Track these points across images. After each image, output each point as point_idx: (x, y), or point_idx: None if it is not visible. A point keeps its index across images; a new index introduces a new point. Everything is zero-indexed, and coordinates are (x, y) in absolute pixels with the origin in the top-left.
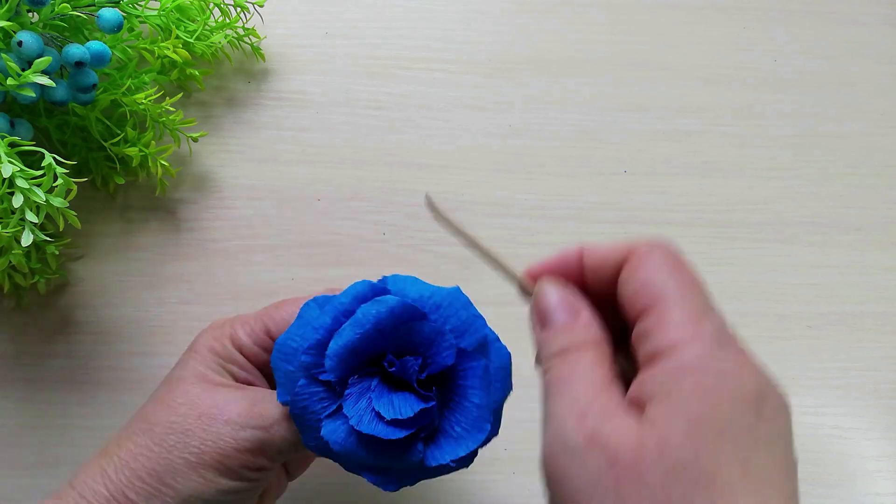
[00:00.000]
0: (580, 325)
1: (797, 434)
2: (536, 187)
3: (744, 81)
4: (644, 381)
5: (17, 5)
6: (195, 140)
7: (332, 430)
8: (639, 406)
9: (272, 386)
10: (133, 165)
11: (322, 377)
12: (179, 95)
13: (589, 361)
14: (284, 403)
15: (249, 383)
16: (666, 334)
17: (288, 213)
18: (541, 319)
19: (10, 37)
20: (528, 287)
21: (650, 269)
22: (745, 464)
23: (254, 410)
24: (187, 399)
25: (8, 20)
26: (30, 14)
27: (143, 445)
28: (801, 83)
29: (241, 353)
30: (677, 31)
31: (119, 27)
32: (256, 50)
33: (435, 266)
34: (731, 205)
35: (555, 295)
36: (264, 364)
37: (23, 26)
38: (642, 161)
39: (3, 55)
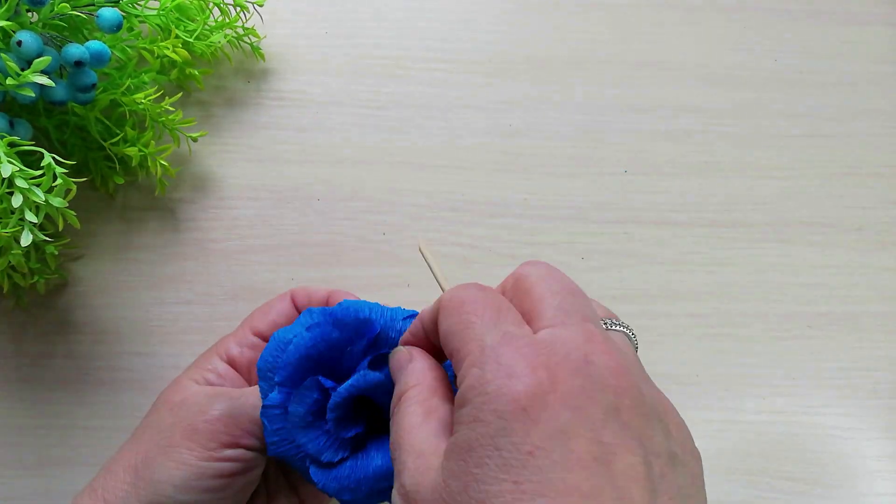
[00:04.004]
0: (408, 370)
1: (797, 434)
2: (536, 187)
3: (744, 81)
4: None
5: (17, 5)
6: (195, 140)
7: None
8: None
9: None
10: (132, 165)
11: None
12: (179, 95)
13: (408, 405)
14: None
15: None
16: (460, 369)
17: (288, 213)
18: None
19: (10, 36)
20: None
21: (443, 319)
22: (517, 483)
23: (219, 390)
24: (161, 401)
25: (7, 20)
26: (29, 14)
27: (126, 449)
28: (801, 83)
29: (231, 362)
30: (677, 31)
31: (118, 27)
32: (256, 50)
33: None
34: (731, 205)
35: (394, 358)
36: (251, 362)
37: (22, 26)
38: (642, 161)
39: (3, 55)
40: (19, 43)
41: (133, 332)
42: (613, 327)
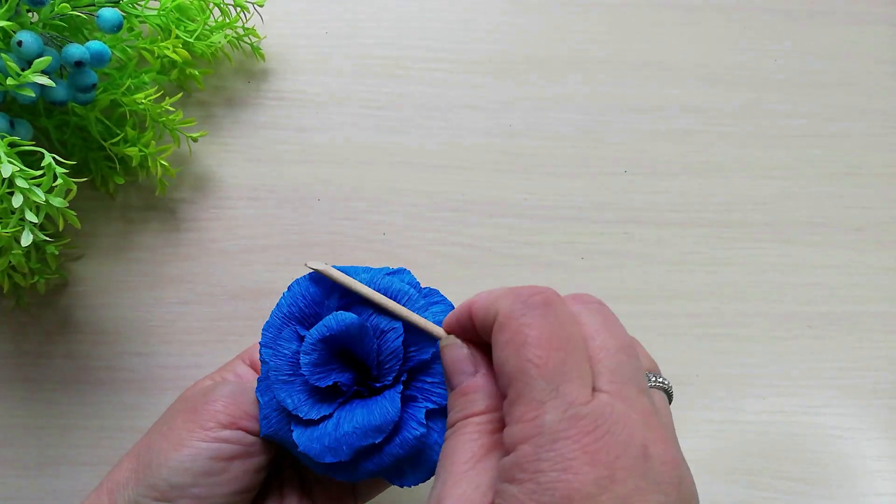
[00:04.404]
0: (472, 388)
1: (797, 434)
2: (536, 187)
3: (744, 81)
4: (499, 474)
5: (17, 5)
6: (195, 140)
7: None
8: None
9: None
10: (133, 165)
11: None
12: (179, 95)
13: (466, 437)
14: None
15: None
16: (509, 429)
17: (288, 213)
18: (447, 381)
19: (10, 37)
20: (439, 334)
21: (501, 344)
22: None
23: (234, 380)
24: (180, 396)
25: (8, 20)
26: (29, 14)
27: (129, 468)
28: (801, 83)
29: (256, 369)
30: (677, 31)
31: (119, 27)
32: (256, 50)
33: (435, 266)
34: (731, 205)
35: (452, 355)
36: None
37: (22, 26)
38: (642, 161)
39: (3, 55)
40: (20, 43)
41: (133, 332)
42: (656, 383)
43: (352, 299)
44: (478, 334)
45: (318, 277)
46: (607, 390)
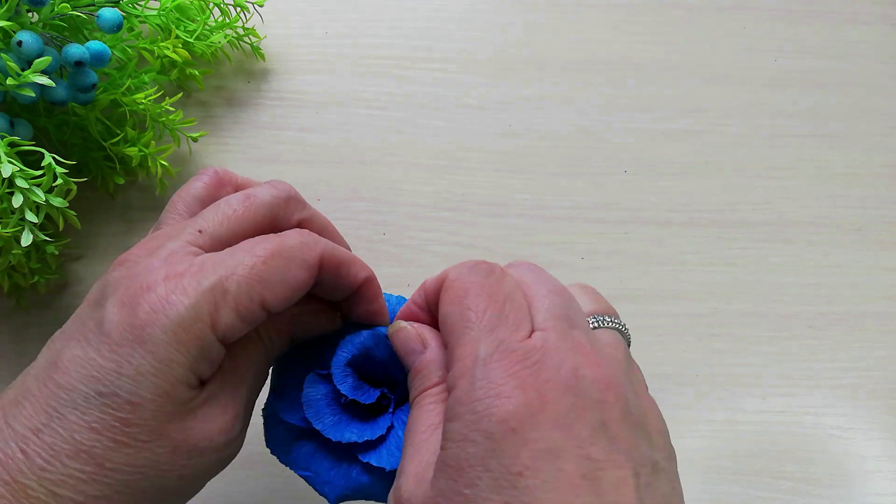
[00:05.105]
0: (424, 364)
1: (797, 434)
2: (536, 187)
3: (744, 81)
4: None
5: (17, 5)
6: (195, 140)
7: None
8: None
9: (251, 358)
10: (133, 165)
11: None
12: (179, 95)
13: (420, 410)
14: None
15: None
16: (451, 373)
17: None
18: (404, 363)
19: (10, 36)
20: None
21: (445, 302)
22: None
23: (235, 423)
24: (153, 435)
25: (8, 20)
26: (29, 14)
27: (99, 496)
28: (801, 83)
29: (224, 343)
30: (677, 31)
31: (119, 27)
32: (256, 50)
33: (435, 266)
34: (731, 205)
35: (400, 338)
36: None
37: (22, 26)
38: (642, 161)
39: (3, 55)
40: (20, 43)
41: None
42: (604, 325)
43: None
44: (431, 314)
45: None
46: (541, 328)
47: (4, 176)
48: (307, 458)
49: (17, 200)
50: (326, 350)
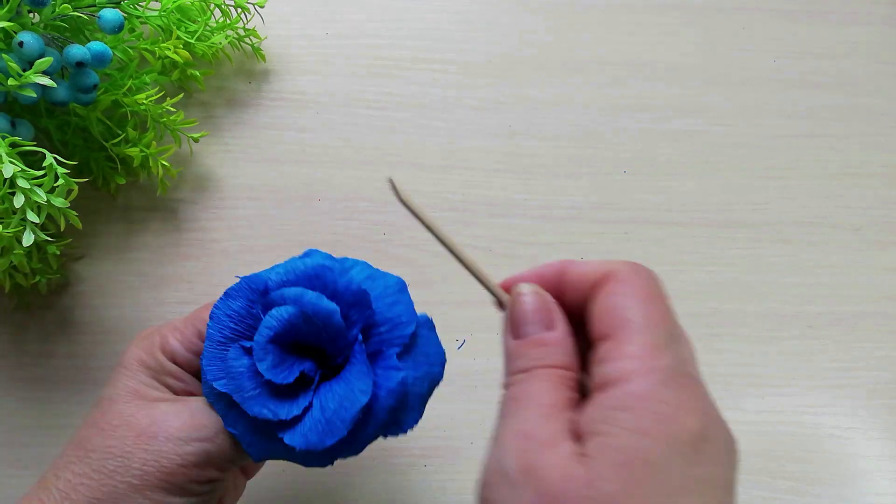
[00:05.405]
0: (552, 342)
1: (797, 434)
2: (536, 187)
3: (744, 81)
4: (589, 409)
5: (18, 6)
6: (196, 140)
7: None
8: (580, 436)
9: None
10: (134, 166)
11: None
12: (180, 96)
13: (547, 384)
14: (208, 395)
15: (188, 393)
16: (618, 364)
17: (288, 213)
18: (514, 328)
19: (11, 37)
20: (498, 292)
21: (621, 293)
22: None
23: (195, 422)
24: (122, 420)
25: (9, 21)
26: (31, 15)
27: (81, 474)
28: (801, 83)
29: (175, 362)
30: (677, 31)
31: (120, 28)
32: (257, 50)
33: (435, 266)
34: (731, 205)
35: (532, 302)
36: (199, 371)
37: (24, 27)
38: (642, 161)
39: (5, 56)
40: (21, 44)
41: (134, 332)
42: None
43: (274, 294)
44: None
45: (232, 291)
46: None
47: (6, 176)
48: (235, 419)
49: (19, 201)
50: (258, 323)
